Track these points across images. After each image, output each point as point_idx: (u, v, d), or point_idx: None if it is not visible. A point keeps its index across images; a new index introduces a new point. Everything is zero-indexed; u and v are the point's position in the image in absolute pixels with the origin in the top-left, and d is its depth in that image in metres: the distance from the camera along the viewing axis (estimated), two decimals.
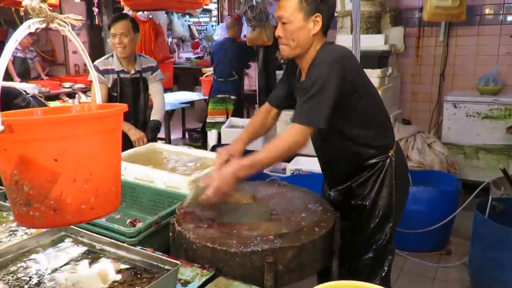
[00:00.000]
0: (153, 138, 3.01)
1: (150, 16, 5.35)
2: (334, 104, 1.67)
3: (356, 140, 1.83)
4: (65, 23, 0.98)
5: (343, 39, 4.75)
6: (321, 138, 1.91)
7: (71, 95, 6.35)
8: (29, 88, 5.83)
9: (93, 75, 1.14)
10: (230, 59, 5.46)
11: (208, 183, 1.65)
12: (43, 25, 0.96)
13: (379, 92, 4.19)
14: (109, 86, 3.01)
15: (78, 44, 1.04)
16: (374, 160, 1.85)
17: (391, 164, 1.86)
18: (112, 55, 3.05)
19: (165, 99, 3.28)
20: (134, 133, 2.92)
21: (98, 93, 1.14)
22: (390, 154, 1.87)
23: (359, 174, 1.88)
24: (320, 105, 1.66)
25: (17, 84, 6.17)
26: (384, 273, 1.90)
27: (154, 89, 3.20)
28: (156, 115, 3.12)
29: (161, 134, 5.86)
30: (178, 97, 6.46)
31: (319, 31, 1.75)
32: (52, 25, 0.96)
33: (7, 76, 6.45)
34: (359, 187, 1.88)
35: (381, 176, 1.85)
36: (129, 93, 3.06)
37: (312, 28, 1.74)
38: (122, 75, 3.03)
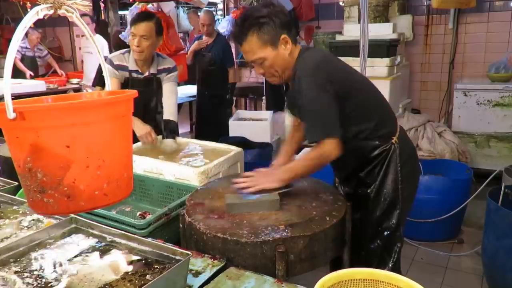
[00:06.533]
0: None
1: (159, 9, 5.32)
2: (334, 110, 1.70)
3: (357, 136, 1.82)
4: (73, 9, 0.97)
5: (351, 29, 4.73)
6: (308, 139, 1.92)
7: (79, 91, 6.40)
8: (37, 85, 5.89)
9: (102, 60, 1.13)
10: None
11: (253, 178, 1.76)
12: (51, 11, 0.95)
13: (388, 81, 4.22)
14: (121, 82, 2.87)
15: (86, 30, 1.03)
16: (378, 151, 1.84)
17: (395, 151, 1.84)
18: (129, 51, 2.84)
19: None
20: (140, 128, 2.61)
21: (107, 79, 1.13)
22: (393, 141, 1.85)
23: (366, 165, 1.87)
24: (322, 117, 1.69)
25: (26, 81, 6.23)
26: (393, 261, 1.89)
27: (168, 88, 2.92)
28: (172, 115, 2.85)
29: None
30: (186, 91, 6.45)
31: (292, 46, 1.76)
32: (60, 11, 0.95)
33: (20, 73, 6.52)
34: (366, 177, 1.88)
35: (386, 163, 1.84)
36: (140, 94, 2.83)
37: (285, 48, 1.74)
38: (134, 75, 2.84)
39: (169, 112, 2.86)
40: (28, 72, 6.71)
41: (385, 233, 1.86)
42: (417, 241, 3.34)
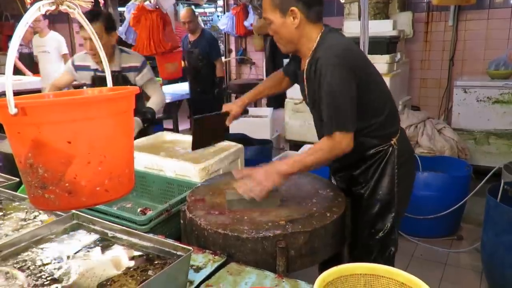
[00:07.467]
0: (146, 122, 2.76)
1: (157, 6, 5.30)
2: (354, 104, 1.65)
3: (360, 131, 1.75)
4: (75, 5, 0.97)
5: (351, 25, 4.72)
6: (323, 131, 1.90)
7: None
8: (35, 81, 5.87)
9: (103, 56, 1.13)
10: None
11: (251, 178, 1.66)
12: (53, 7, 0.95)
13: (387, 78, 4.22)
14: (89, 83, 2.87)
15: (88, 27, 1.03)
16: (376, 150, 1.81)
17: (393, 152, 1.81)
18: None
19: (164, 95, 3.00)
20: None
21: (108, 75, 1.14)
22: (392, 142, 1.82)
23: (361, 163, 1.84)
24: (341, 110, 1.63)
25: (26, 78, 6.22)
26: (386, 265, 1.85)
27: (148, 89, 2.94)
28: (152, 105, 2.88)
29: (169, 125, 5.88)
30: (186, 88, 6.44)
31: (304, 23, 1.70)
32: (61, 8, 0.96)
33: (17, 71, 6.45)
34: (360, 176, 1.85)
35: (382, 164, 1.81)
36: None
37: (293, 22, 1.69)
38: (98, 73, 2.82)
39: (150, 102, 2.90)
40: (28, 72, 6.64)
41: (379, 235, 1.83)
42: (416, 238, 3.35)
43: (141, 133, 2.74)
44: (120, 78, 2.78)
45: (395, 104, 1.94)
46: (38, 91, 5.39)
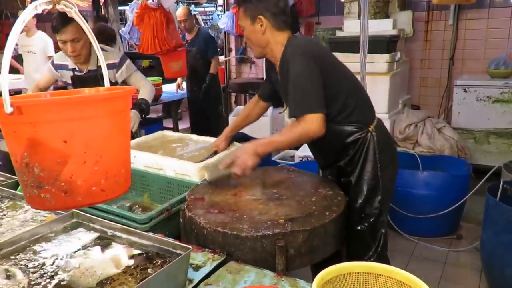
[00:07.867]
0: (142, 113, 2.78)
1: (160, 5, 5.27)
2: (320, 87, 1.78)
3: (334, 119, 1.87)
4: (72, 4, 0.97)
5: (351, 25, 4.72)
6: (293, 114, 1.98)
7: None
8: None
9: (100, 56, 1.13)
10: None
11: (233, 161, 1.82)
12: (50, 6, 0.95)
13: (387, 77, 4.22)
14: (69, 82, 2.85)
15: (85, 26, 1.03)
16: (354, 137, 1.91)
17: (372, 139, 1.92)
18: None
19: (151, 84, 2.96)
20: None
21: (106, 75, 1.14)
22: (370, 129, 1.92)
23: (344, 153, 1.94)
24: (308, 92, 1.77)
25: (23, 77, 6.19)
26: (377, 247, 1.93)
27: (133, 82, 2.88)
28: (142, 95, 2.85)
29: (169, 124, 5.89)
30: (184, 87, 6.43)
31: (270, 30, 1.90)
32: (58, 7, 0.96)
33: (13, 70, 6.39)
34: (346, 166, 1.95)
35: (364, 151, 1.91)
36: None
37: (260, 28, 1.90)
38: (76, 73, 2.80)
39: (142, 92, 2.88)
40: (22, 69, 6.59)
41: (368, 219, 1.91)
42: (416, 237, 3.36)
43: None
44: (98, 77, 2.72)
45: (366, 93, 2.07)
46: (20, 92, 5.29)
